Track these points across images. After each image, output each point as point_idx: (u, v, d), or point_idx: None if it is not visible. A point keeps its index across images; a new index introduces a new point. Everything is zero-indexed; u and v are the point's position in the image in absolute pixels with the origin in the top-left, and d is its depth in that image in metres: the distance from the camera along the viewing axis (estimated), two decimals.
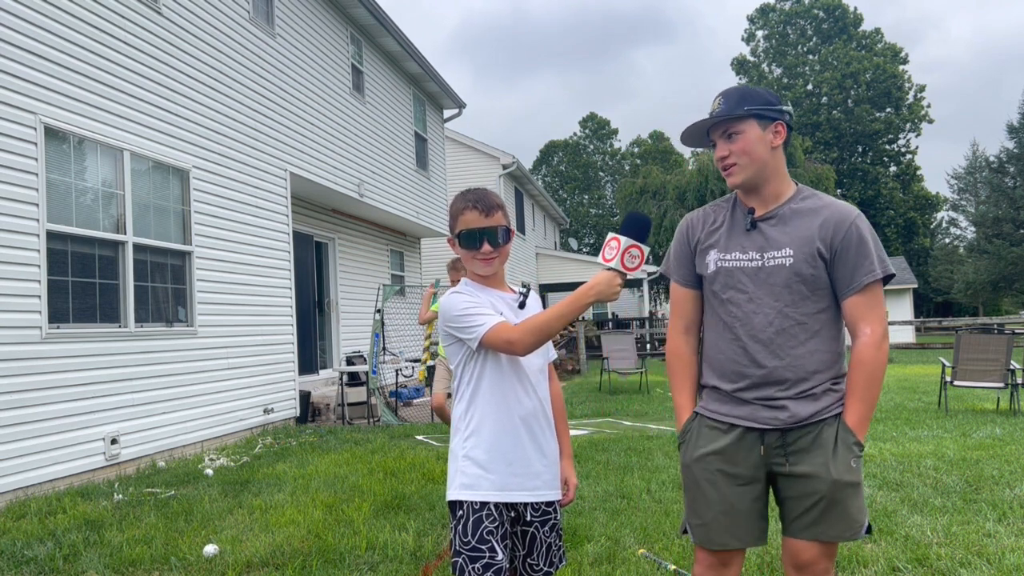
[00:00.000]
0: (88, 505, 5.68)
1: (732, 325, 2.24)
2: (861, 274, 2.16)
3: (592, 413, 10.44)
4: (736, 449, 2.24)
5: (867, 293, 2.17)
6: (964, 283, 43.71)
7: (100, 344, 6.83)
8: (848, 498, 2.16)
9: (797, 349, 2.19)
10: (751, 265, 2.23)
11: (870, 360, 2.15)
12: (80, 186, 6.79)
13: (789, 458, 2.20)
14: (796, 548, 2.22)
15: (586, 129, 68.28)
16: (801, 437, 2.19)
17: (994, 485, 5.38)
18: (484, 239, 2.24)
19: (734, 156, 2.22)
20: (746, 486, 2.24)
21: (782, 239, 2.21)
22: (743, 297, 2.23)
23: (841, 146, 50.02)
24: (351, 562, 4.12)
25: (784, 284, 2.19)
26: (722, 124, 2.23)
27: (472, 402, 2.23)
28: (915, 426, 8.29)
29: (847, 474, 2.16)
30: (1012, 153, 43.80)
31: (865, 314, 2.17)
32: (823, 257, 2.18)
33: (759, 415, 2.21)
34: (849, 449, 2.16)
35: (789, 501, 2.23)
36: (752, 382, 2.21)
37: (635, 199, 33.85)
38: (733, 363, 2.24)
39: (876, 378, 2.17)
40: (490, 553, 2.12)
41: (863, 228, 2.19)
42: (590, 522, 4.67)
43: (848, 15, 51.10)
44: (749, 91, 2.25)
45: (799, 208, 2.24)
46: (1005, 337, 9.40)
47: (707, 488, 2.26)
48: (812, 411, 2.18)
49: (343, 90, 12.55)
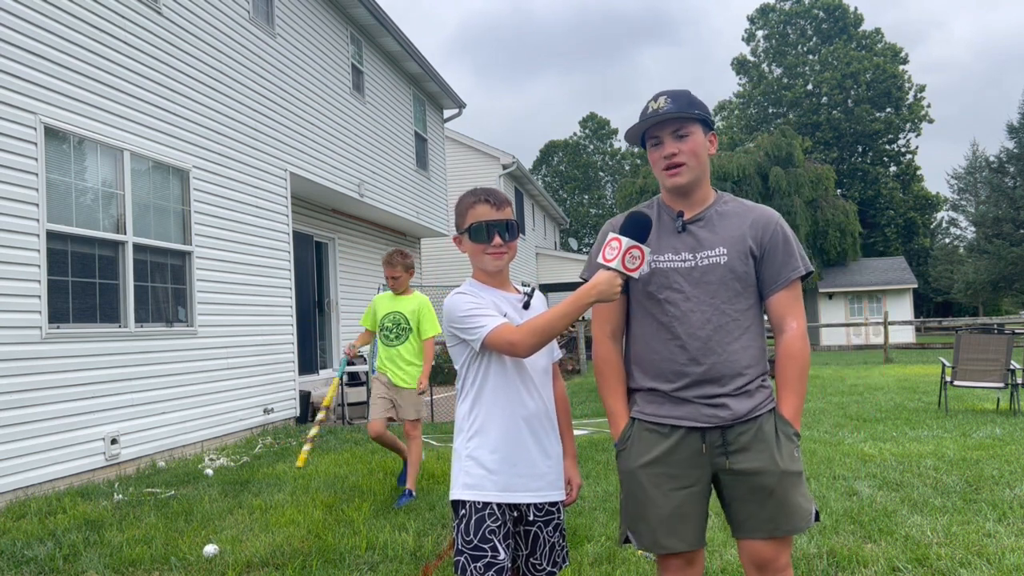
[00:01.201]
0: (88, 505, 5.68)
1: (670, 325, 2.26)
2: (788, 271, 2.27)
3: (592, 413, 10.43)
4: (679, 450, 2.25)
5: (791, 289, 2.28)
6: (964, 283, 43.71)
7: (100, 344, 6.83)
8: (794, 487, 2.23)
9: (732, 345, 2.24)
10: (684, 265, 2.27)
11: (798, 352, 2.25)
12: (80, 186, 6.79)
13: (730, 456, 2.22)
14: (754, 548, 2.24)
15: (586, 129, 68.29)
16: (742, 434, 2.22)
17: (994, 485, 5.38)
18: (495, 232, 2.25)
19: (684, 156, 2.25)
20: (691, 488, 2.25)
21: (714, 239, 2.27)
22: (679, 296, 2.26)
23: (841, 146, 50.01)
24: (351, 562, 4.12)
25: (720, 282, 2.25)
26: (673, 122, 2.25)
27: (476, 402, 2.24)
28: (915, 426, 8.29)
29: (792, 464, 2.23)
30: (1012, 153, 43.78)
31: (790, 309, 2.27)
32: (753, 255, 2.27)
33: (700, 413, 2.23)
34: (790, 440, 2.25)
35: (737, 501, 2.25)
36: (692, 380, 2.23)
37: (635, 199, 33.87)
38: (671, 363, 2.26)
39: (805, 369, 2.27)
40: (492, 552, 2.12)
41: (786, 229, 2.32)
42: (590, 522, 4.67)
43: (848, 15, 51.08)
44: (694, 97, 2.29)
45: (724, 211, 2.32)
46: (1005, 337, 9.39)
47: (654, 493, 2.25)
48: (750, 407, 2.23)
49: (343, 90, 12.55)
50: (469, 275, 2.39)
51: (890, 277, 33.12)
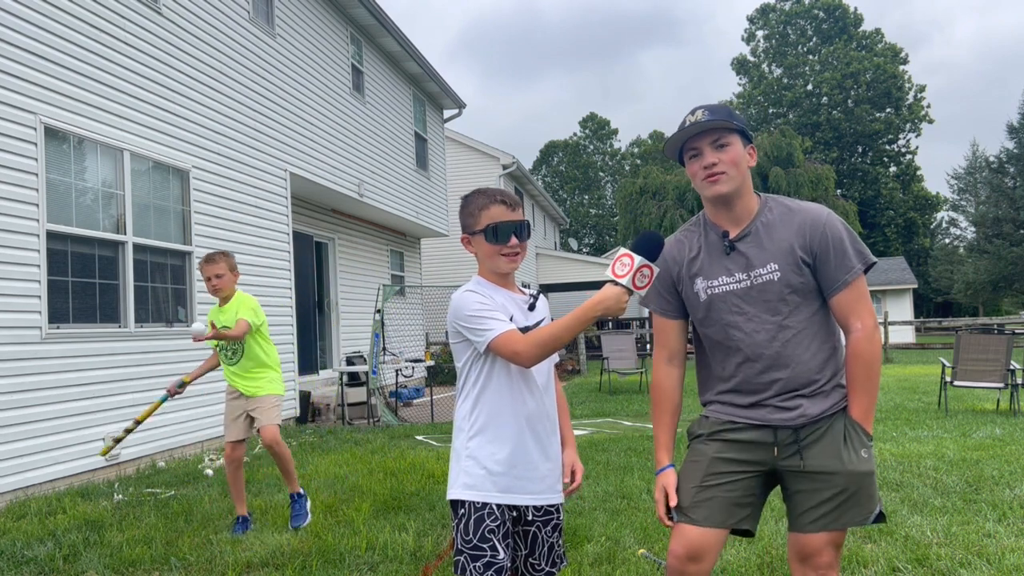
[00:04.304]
0: (88, 505, 5.68)
1: (737, 348, 2.27)
2: (843, 272, 2.21)
3: (592, 413, 10.43)
4: (749, 441, 2.27)
5: (852, 288, 2.22)
6: (964, 283, 43.69)
7: (100, 344, 6.83)
8: (860, 487, 2.21)
9: (803, 355, 2.23)
10: (740, 287, 2.27)
11: (865, 353, 2.21)
12: (80, 186, 6.78)
13: (803, 453, 2.23)
14: (803, 540, 2.25)
15: (586, 129, 68.29)
16: (813, 432, 2.23)
17: (994, 485, 5.38)
18: (512, 233, 2.24)
19: (723, 165, 2.24)
20: (745, 476, 2.27)
21: (764, 255, 2.25)
22: (741, 319, 2.26)
23: (841, 146, 50.00)
24: (351, 562, 4.11)
25: (778, 298, 2.24)
26: (712, 133, 2.25)
27: (477, 402, 2.23)
28: (915, 426, 8.29)
29: (861, 464, 2.21)
30: (1012, 153, 43.78)
31: (854, 308, 2.22)
32: (807, 263, 2.23)
33: (773, 416, 2.25)
34: (860, 440, 2.22)
35: (800, 495, 2.25)
36: (770, 394, 2.25)
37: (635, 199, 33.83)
38: (744, 383, 2.28)
39: (874, 369, 2.22)
40: (491, 552, 2.12)
41: (836, 226, 2.24)
42: (590, 522, 4.67)
43: (848, 15, 51.08)
44: (731, 110, 2.30)
45: (770, 221, 2.28)
46: (1005, 337, 9.39)
47: (711, 465, 2.28)
48: (823, 408, 2.23)
49: (343, 90, 12.54)
50: (470, 274, 2.37)
51: (890, 277, 33.10)
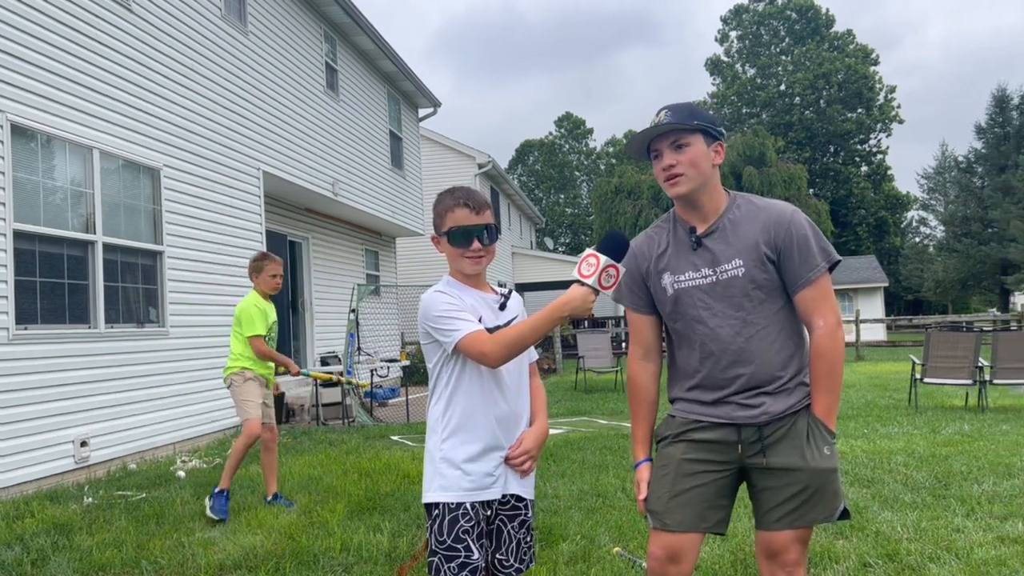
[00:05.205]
0: (57, 509, 5.59)
1: (702, 343, 2.30)
2: (807, 270, 2.23)
3: (568, 412, 10.46)
4: (713, 440, 2.29)
5: (816, 286, 2.23)
6: (934, 281, 44.38)
7: (69, 345, 6.73)
8: (827, 484, 2.23)
9: (767, 351, 2.25)
10: (706, 282, 2.29)
11: (828, 350, 2.23)
12: (48, 185, 6.68)
13: (766, 451, 2.25)
14: (770, 538, 2.27)
15: (562, 129, 68.41)
16: (776, 430, 2.25)
17: (963, 481, 5.46)
18: (475, 237, 2.23)
19: (681, 167, 2.25)
20: (715, 477, 2.28)
21: (729, 251, 2.27)
22: (706, 314, 2.28)
23: (813, 146, 50.52)
24: (325, 564, 4.09)
25: (742, 294, 2.25)
26: (671, 134, 2.26)
27: (450, 403, 2.22)
28: (886, 423, 8.40)
29: (824, 461, 2.23)
30: (980, 153, 44.53)
31: (817, 306, 2.24)
32: (771, 260, 2.25)
33: (736, 414, 2.26)
34: (822, 437, 2.24)
35: (766, 492, 2.27)
36: (732, 390, 2.27)
37: (610, 198, 33.99)
38: (709, 378, 2.30)
39: (836, 367, 2.24)
40: (466, 552, 2.12)
41: (802, 223, 2.26)
42: (565, 521, 4.68)
43: (820, 16, 51.62)
44: (696, 108, 2.30)
45: (737, 218, 2.30)
46: (974, 335, 9.55)
47: (681, 467, 2.29)
48: (786, 406, 2.25)
49: (317, 88, 12.46)
50: (444, 274, 2.37)
51: (861, 276, 33.50)
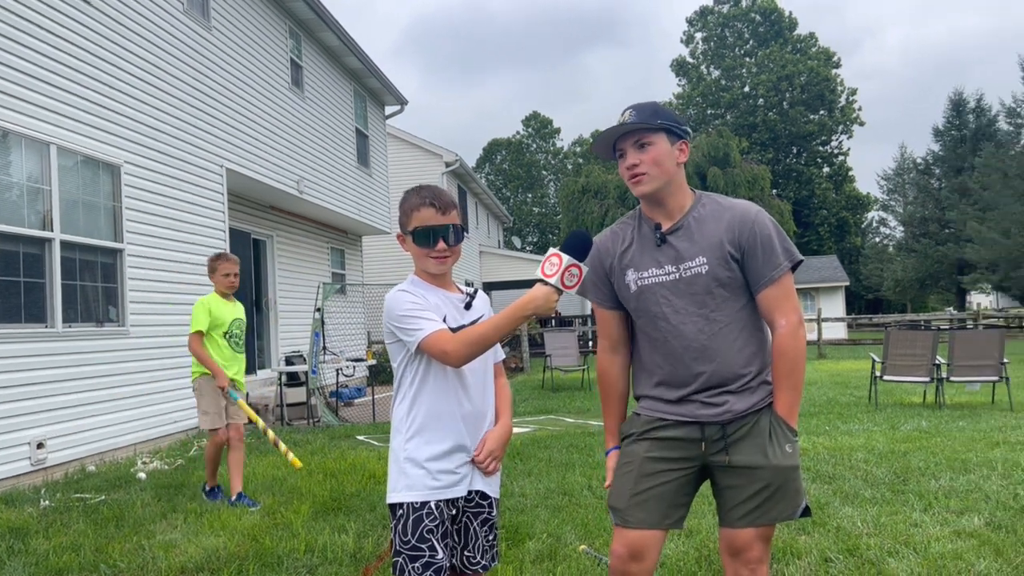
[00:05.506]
0: (12, 512, 5.47)
1: (665, 339, 2.31)
2: (770, 268, 2.26)
3: (535, 410, 10.47)
4: (677, 439, 2.31)
5: (778, 285, 2.26)
6: (893, 281, 45.22)
7: (25, 345, 6.58)
8: (789, 482, 2.26)
9: (729, 349, 2.27)
10: (669, 279, 2.30)
11: (789, 349, 2.25)
12: (3, 181, 6.52)
13: (729, 449, 2.27)
14: (732, 535, 2.30)
15: (529, 128, 68.49)
16: (739, 428, 2.27)
17: (920, 476, 5.57)
18: (440, 237, 2.22)
19: (644, 166, 2.26)
20: (678, 475, 2.30)
21: (693, 249, 2.28)
22: (669, 310, 2.30)
23: (776, 147, 51.17)
24: (289, 565, 4.05)
25: (705, 291, 2.27)
26: (635, 134, 2.27)
27: (415, 403, 2.21)
28: (847, 420, 8.53)
29: (785, 459, 2.25)
30: (938, 155, 45.49)
31: (779, 305, 2.26)
32: (735, 258, 2.27)
33: (700, 412, 2.28)
34: (784, 435, 2.26)
35: (729, 490, 2.29)
36: (695, 388, 2.29)
37: (577, 198, 34.11)
38: (672, 375, 2.31)
39: (798, 366, 2.26)
40: (430, 552, 2.11)
41: (765, 223, 2.28)
42: (532, 519, 4.68)
43: (784, 19, 52.28)
44: (660, 107, 2.32)
45: (701, 216, 2.31)
46: (931, 333, 9.77)
47: (644, 467, 2.31)
48: (749, 404, 2.28)
49: (282, 85, 12.33)
50: (411, 272, 2.36)
51: (823, 275, 34.03)
